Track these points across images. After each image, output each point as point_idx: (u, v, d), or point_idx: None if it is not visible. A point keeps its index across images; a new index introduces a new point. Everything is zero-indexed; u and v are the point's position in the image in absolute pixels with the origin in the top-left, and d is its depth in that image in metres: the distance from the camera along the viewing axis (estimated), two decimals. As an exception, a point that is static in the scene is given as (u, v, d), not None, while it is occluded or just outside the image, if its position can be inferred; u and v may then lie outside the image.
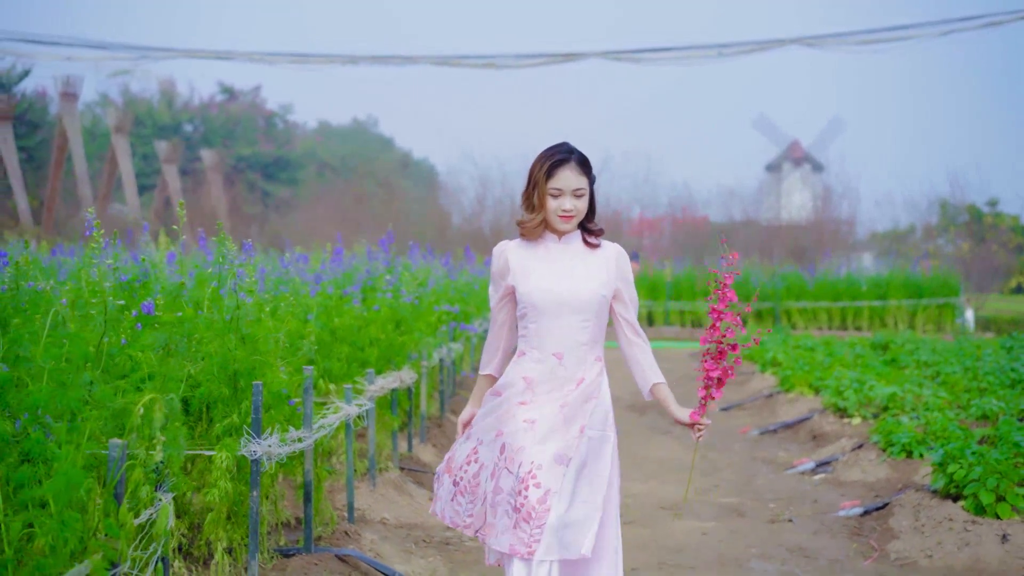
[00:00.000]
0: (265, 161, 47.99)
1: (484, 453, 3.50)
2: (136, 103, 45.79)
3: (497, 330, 3.64)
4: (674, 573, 5.38)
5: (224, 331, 4.19)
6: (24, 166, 33.92)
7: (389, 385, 6.23)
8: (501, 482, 3.40)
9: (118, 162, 33.38)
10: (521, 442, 3.38)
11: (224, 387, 4.21)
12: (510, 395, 3.47)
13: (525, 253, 3.52)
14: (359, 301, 7.65)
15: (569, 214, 3.45)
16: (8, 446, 2.72)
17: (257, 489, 4.09)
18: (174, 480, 3.10)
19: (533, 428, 3.39)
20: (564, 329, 3.44)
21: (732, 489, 7.45)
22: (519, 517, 3.32)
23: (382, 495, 6.11)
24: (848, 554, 5.80)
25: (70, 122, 31.61)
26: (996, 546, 5.48)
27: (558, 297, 3.44)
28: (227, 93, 50.42)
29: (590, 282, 3.46)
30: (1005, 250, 34.05)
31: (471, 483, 3.51)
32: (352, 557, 4.76)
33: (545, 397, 3.43)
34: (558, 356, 3.45)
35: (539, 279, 3.46)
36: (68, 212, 34.24)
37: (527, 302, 3.47)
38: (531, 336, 3.49)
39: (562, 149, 3.48)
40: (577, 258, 3.50)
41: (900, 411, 8.81)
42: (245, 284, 4.40)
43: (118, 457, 2.66)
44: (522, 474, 3.34)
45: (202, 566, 4.28)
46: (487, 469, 3.48)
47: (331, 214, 34.25)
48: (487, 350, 3.70)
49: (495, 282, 3.61)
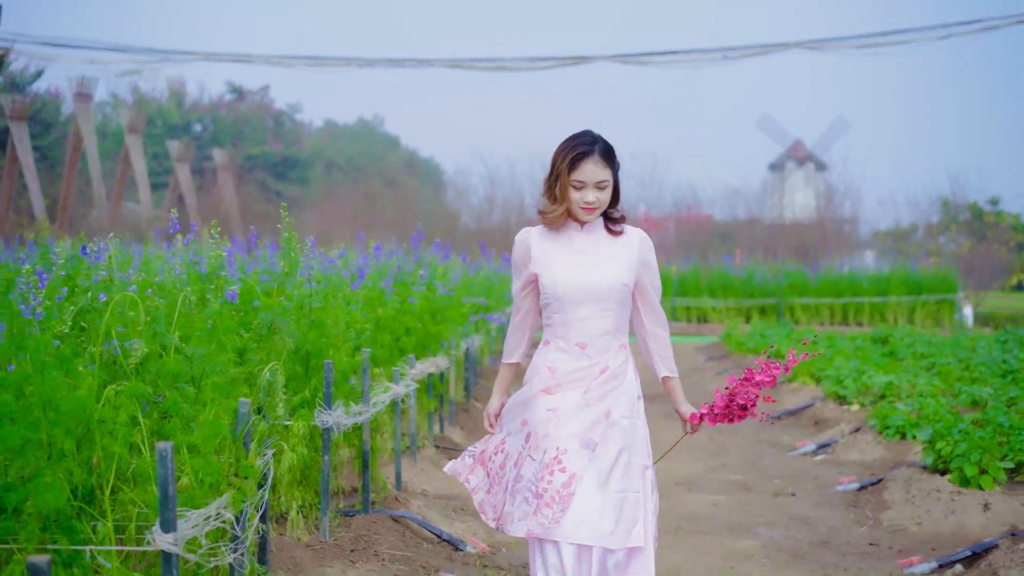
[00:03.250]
0: (274, 160, 48.60)
1: (511, 443, 3.51)
2: (147, 103, 46.40)
3: (522, 318, 3.61)
4: (689, 537, 5.98)
5: (298, 315, 4.79)
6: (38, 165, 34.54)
7: (427, 370, 6.85)
8: (523, 470, 3.40)
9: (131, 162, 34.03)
10: (545, 429, 3.39)
11: (297, 365, 4.81)
12: (535, 384, 3.47)
13: (547, 242, 3.48)
14: (391, 294, 8.26)
15: (592, 206, 3.39)
16: (152, 405, 3.32)
17: (328, 454, 4.70)
18: (276, 438, 3.70)
19: (556, 415, 3.40)
20: (588, 318, 3.41)
21: (739, 468, 8.04)
22: (540, 502, 3.30)
23: (422, 469, 6.72)
24: (845, 523, 6.40)
25: (84, 122, 32.20)
26: (979, 514, 6.07)
27: (581, 286, 3.40)
28: (236, 93, 51.03)
29: (613, 271, 3.42)
30: (1006, 248, 34.63)
31: (497, 473, 3.52)
32: (404, 518, 5.37)
33: (569, 385, 3.43)
34: (582, 345, 3.43)
35: (562, 268, 3.43)
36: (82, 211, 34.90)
37: (550, 292, 3.44)
38: (555, 326, 3.46)
39: (585, 140, 3.40)
40: (600, 246, 3.45)
41: (896, 398, 9.39)
42: (314, 274, 5.00)
43: (246, 413, 3.26)
44: (547, 460, 3.34)
45: (276, 524, 4.88)
46: (511, 458, 3.48)
47: (341, 213, 34.82)
48: (510, 339, 3.68)
49: (517, 270, 3.57)
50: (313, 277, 4.92)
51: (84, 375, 3.10)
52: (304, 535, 4.73)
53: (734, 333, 17.83)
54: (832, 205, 35.50)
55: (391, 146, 55.22)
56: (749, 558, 5.61)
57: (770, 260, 28.41)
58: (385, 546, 4.98)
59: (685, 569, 5.36)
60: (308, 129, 53.67)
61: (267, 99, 51.88)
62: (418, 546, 5.19)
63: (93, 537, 2.94)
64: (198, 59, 21.25)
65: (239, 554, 3.27)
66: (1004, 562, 5.05)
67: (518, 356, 3.66)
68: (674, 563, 5.43)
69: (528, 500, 3.34)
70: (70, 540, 2.84)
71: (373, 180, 42.05)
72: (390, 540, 5.07)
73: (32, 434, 2.76)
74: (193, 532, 2.83)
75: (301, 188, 47.24)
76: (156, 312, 3.43)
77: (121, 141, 35.03)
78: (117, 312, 3.28)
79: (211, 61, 22.95)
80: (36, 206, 31.67)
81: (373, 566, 4.71)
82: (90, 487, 3.03)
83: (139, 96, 47.18)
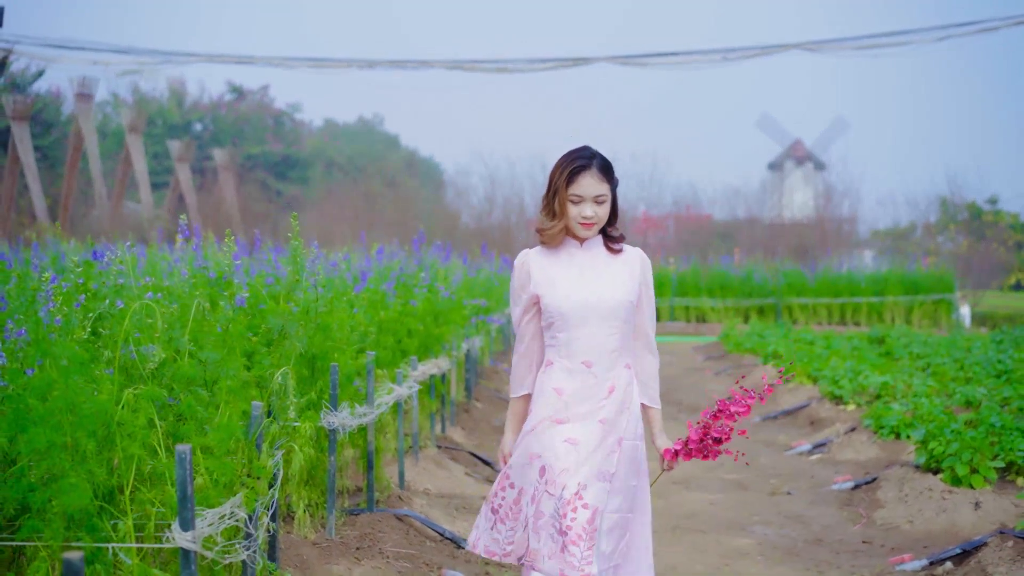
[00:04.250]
0: (274, 160, 48.75)
1: (519, 476, 3.40)
2: (147, 102, 46.54)
3: (528, 345, 3.51)
4: (686, 535, 6.11)
5: (304, 320, 4.92)
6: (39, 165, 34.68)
7: (429, 371, 6.99)
8: (542, 506, 3.31)
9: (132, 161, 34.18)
10: (564, 463, 3.30)
11: (304, 368, 4.95)
12: (543, 411, 3.38)
13: (547, 261, 3.44)
14: (393, 296, 8.39)
15: (590, 221, 3.37)
16: (166, 408, 3.45)
17: (334, 455, 4.83)
18: (287, 439, 3.83)
19: (576, 449, 3.32)
20: (593, 336, 3.36)
21: (736, 467, 8.18)
22: (566, 540, 3.25)
23: (424, 469, 6.85)
24: (839, 521, 6.53)
25: (85, 122, 32.34)
26: (970, 512, 6.21)
27: (585, 304, 3.36)
28: (236, 92, 51.18)
29: (616, 288, 3.39)
30: (1004, 247, 34.78)
31: (511, 510, 3.40)
32: (408, 517, 5.51)
33: (581, 411, 3.35)
34: (587, 364, 3.37)
35: (564, 287, 3.39)
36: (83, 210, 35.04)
37: (554, 311, 3.39)
38: (560, 345, 3.40)
39: (583, 154, 3.38)
40: (601, 264, 3.43)
41: (891, 398, 9.53)
42: (319, 280, 5.13)
43: (258, 416, 3.39)
44: (567, 496, 3.27)
45: (283, 522, 5.01)
46: (527, 494, 3.37)
47: (342, 212, 34.92)
48: (517, 369, 3.54)
49: (516, 295, 3.50)
50: (318, 283, 5.06)
51: (104, 380, 3.23)
52: (311, 533, 4.87)
53: (732, 333, 17.98)
54: (831, 205, 35.63)
55: (391, 145, 55.37)
56: (745, 556, 5.75)
57: (769, 260, 28.56)
58: (389, 544, 5.11)
59: (682, 566, 5.50)
60: (308, 128, 53.81)
61: (267, 99, 52.03)
62: (421, 544, 5.33)
63: (114, 535, 3.08)
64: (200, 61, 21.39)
65: (252, 551, 3.40)
66: (992, 559, 5.18)
67: (528, 387, 3.52)
68: (671, 560, 5.57)
69: (553, 537, 3.28)
70: (92, 538, 2.98)
71: (373, 180, 42.19)
72: (394, 538, 5.21)
73: (56, 437, 2.90)
74: (209, 530, 2.97)
75: (301, 187, 47.37)
76: (172, 319, 3.57)
77: (122, 141, 35.17)
78: (135, 320, 3.42)
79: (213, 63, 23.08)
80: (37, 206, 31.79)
81: (378, 563, 4.85)
82: (110, 487, 3.17)
83: (139, 96, 47.30)
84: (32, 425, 2.87)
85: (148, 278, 6.42)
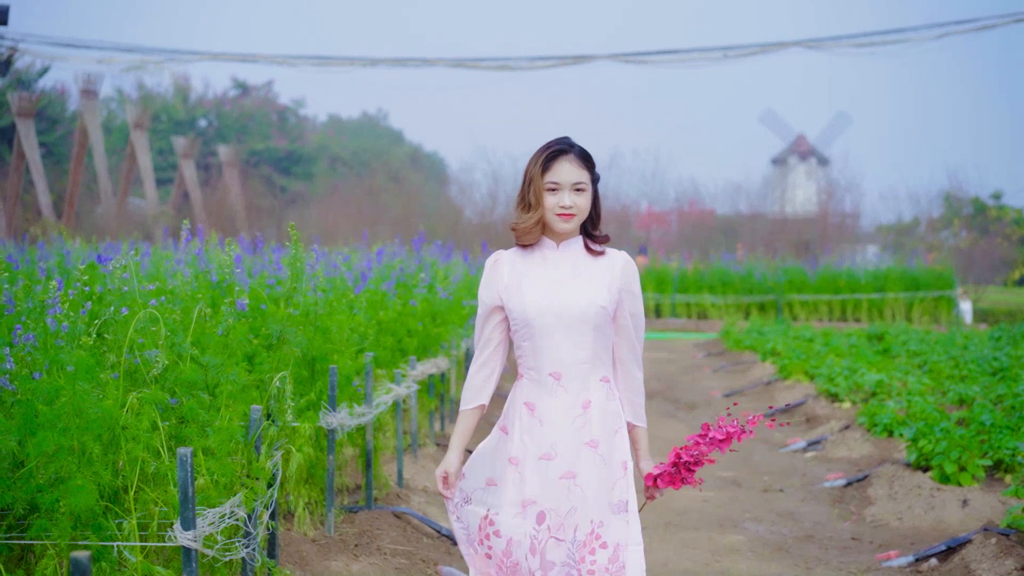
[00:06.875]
0: (278, 155, 48.93)
1: (507, 524, 3.08)
2: (152, 99, 46.72)
3: (491, 353, 3.18)
4: (678, 532, 6.24)
5: (304, 323, 5.05)
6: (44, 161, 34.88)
7: (428, 370, 7.12)
8: (549, 555, 3.02)
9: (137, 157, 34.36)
10: (569, 504, 3.03)
11: (303, 370, 5.08)
12: (521, 439, 3.08)
13: (519, 263, 3.16)
14: (393, 296, 8.53)
15: (568, 211, 3.06)
16: (169, 411, 3.59)
17: (333, 454, 4.97)
18: (285, 440, 3.97)
19: (578, 486, 3.04)
20: (560, 346, 3.06)
21: (730, 464, 8.30)
22: None
23: (423, 467, 6.99)
24: (830, 518, 6.66)
25: (90, 119, 32.52)
26: (958, 509, 6.33)
27: (550, 309, 3.07)
28: (240, 88, 51.34)
29: (587, 292, 3.08)
30: (1008, 242, 34.83)
31: (501, 562, 3.10)
32: (406, 514, 5.65)
33: (564, 436, 3.06)
34: (556, 376, 3.08)
35: (531, 291, 3.10)
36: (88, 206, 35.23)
37: (518, 317, 3.10)
38: (527, 355, 3.11)
39: (561, 141, 3.11)
40: (577, 265, 3.12)
41: (887, 396, 9.65)
42: (318, 283, 5.26)
43: (257, 419, 3.53)
44: (582, 538, 3.02)
45: (283, 520, 5.15)
46: (520, 546, 3.06)
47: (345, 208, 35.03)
48: (473, 379, 3.18)
49: (482, 299, 3.19)
50: (318, 286, 5.18)
51: (109, 384, 3.37)
52: (310, 531, 5.00)
53: (732, 330, 18.10)
54: (834, 200, 35.69)
55: (395, 141, 55.51)
56: (735, 552, 5.87)
57: (771, 256, 28.65)
58: (387, 541, 5.25)
59: (672, 562, 5.63)
60: (312, 124, 53.98)
61: (271, 94, 52.20)
62: (419, 541, 5.47)
63: (119, 534, 3.22)
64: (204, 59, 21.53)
65: (251, 549, 3.54)
66: (976, 556, 5.31)
67: (484, 398, 3.17)
68: (663, 556, 5.70)
69: None
70: (98, 537, 3.12)
71: (377, 175, 42.30)
72: (392, 535, 5.35)
73: (64, 440, 3.03)
74: (210, 529, 3.11)
75: (306, 183, 47.52)
76: (175, 324, 3.70)
77: (126, 137, 35.35)
78: (139, 326, 3.55)
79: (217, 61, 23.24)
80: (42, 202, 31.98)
81: (375, 560, 4.99)
82: (115, 488, 3.31)
83: (144, 92, 47.48)
84: (40, 429, 3.01)
85: (151, 285, 6.55)
